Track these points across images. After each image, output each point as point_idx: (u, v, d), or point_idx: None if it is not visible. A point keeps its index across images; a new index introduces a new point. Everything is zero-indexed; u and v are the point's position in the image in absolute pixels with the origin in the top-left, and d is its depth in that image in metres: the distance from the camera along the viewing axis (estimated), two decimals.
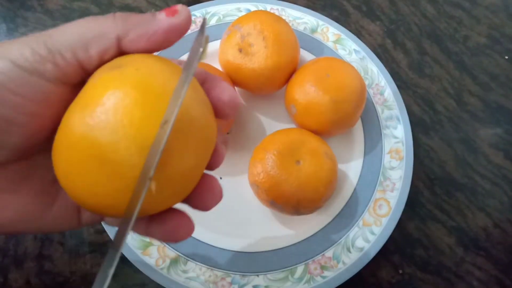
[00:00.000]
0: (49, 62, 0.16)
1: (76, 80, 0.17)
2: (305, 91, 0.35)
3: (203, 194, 0.20)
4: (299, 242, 0.35)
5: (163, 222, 0.19)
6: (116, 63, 0.17)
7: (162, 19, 0.18)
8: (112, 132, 0.15)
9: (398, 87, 0.41)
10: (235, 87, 0.38)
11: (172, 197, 0.18)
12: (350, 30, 0.44)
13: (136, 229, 0.21)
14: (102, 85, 0.16)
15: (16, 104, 0.16)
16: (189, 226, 0.20)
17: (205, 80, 0.21)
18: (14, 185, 0.18)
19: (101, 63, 0.17)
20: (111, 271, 0.15)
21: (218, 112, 0.20)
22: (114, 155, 0.15)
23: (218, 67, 0.38)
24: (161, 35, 0.18)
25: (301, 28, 0.44)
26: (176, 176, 0.16)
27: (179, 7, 0.19)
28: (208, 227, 0.35)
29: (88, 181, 0.15)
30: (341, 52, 0.43)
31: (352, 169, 0.38)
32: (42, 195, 0.18)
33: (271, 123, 0.41)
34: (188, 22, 0.19)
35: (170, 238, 0.20)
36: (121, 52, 0.18)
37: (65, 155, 0.16)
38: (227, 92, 0.20)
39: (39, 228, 0.19)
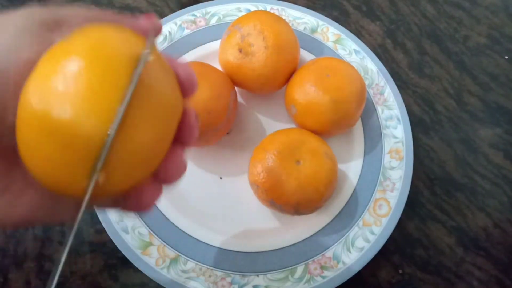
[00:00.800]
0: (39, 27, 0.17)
1: None
2: (305, 91, 0.35)
3: (166, 166, 0.19)
4: (299, 242, 0.35)
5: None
6: (69, 35, 0.16)
7: (137, 22, 0.19)
8: (63, 104, 0.14)
9: (398, 87, 0.41)
10: (235, 87, 0.38)
11: (136, 172, 0.17)
12: (350, 30, 0.44)
13: (102, 204, 0.20)
14: (53, 57, 0.15)
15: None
16: (155, 192, 0.19)
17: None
18: (27, 182, 0.18)
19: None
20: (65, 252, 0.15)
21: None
22: (66, 127, 0.14)
23: (218, 67, 0.38)
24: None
25: (301, 28, 0.44)
26: (139, 149, 0.16)
27: (151, 15, 0.19)
28: (208, 227, 0.35)
29: (44, 156, 0.15)
30: (341, 52, 0.43)
31: (352, 169, 0.38)
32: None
33: (271, 123, 0.41)
34: (157, 31, 0.19)
35: (135, 207, 0.19)
36: None
37: (22, 130, 0.15)
38: (181, 68, 0.19)
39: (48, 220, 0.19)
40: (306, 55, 0.43)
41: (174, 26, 0.43)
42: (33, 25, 0.17)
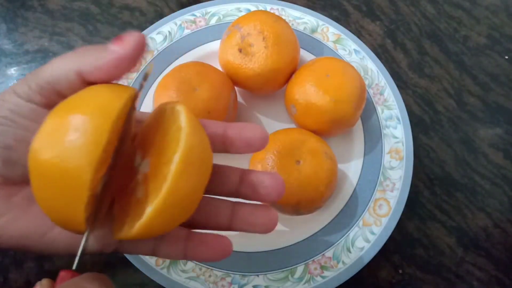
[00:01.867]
0: (38, 93, 0.20)
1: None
2: (305, 91, 0.35)
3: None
4: (299, 242, 0.35)
5: (201, 243, 0.22)
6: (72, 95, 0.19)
7: (111, 51, 0.20)
8: (59, 153, 0.16)
9: (398, 87, 0.41)
10: (235, 87, 0.38)
11: (174, 220, 0.19)
12: (350, 30, 0.44)
13: (170, 251, 0.23)
14: (52, 115, 0.18)
15: (24, 125, 0.20)
16: (225, 246, 0.23)
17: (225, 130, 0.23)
18: (27, 202, 0.21)
19: (72, 92, 0.20)
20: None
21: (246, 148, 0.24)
22: (69, 176, 0.16)
23: (218, 67, 0.38)
24: (112, 66, 0.20)
25: (301, 28, 0.44)
26: (181, 200, 0.18)
27: (127, 36, 0.20)
28: None
29: (49, 197, 0.17)
30: (341, 52, 0.43)
31: (352, 169, 0.38)
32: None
33: (271, 123, 0.41)
34: (137, 49, 0.20)
35: (207, 257, 0.23)
36: (87, 82, 0.20)
37: (31, 173, 0.17)
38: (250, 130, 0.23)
39: (40, 247, 0.21)
40: (306, 55, 0.43)
41: (174, 26, 0.43)
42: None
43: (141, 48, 0.20)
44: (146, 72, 0.21)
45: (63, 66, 0.20)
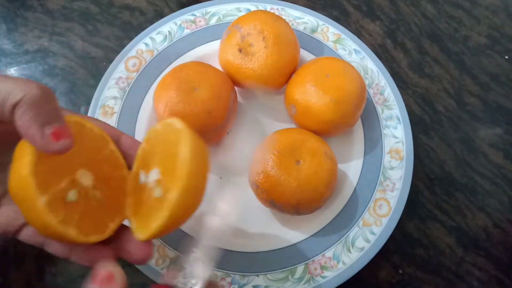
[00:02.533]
0: None
1: None
2: (305, 91, 0.35)
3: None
4: (299, 242, 0.35)
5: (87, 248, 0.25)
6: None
7: (46, 141, 0.21)
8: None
9: (398, 87, 0.41)
10: (235, 87, 0.38)
11: (189, 210, 0.24)
12: (350, 30, 0.44)
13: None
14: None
15: None
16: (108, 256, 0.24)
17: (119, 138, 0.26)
18: None
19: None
20: None
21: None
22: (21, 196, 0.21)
23: (218, 67, 0.38)
24: (40, 148, 0.21)
25: (301, 28, 0.44)
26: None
27: (66, 140, 0.22)
28: (208, 227, 0.35)
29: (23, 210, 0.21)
30: (341, 52, 0.43)
31: (352, 169, 0.38)
32: None
33: (271, 123, 0.41)
34: (63, 150, 0.21)
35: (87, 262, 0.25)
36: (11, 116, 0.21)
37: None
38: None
39: None
40: (306, 55, 0.43)
41: (174, 26, 0.43)
42: None
43: (66, 149, 0.22)
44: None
45: (8, 88, 0.21)
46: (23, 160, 0.21)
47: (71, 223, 0.22)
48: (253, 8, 0.44)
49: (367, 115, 0.40)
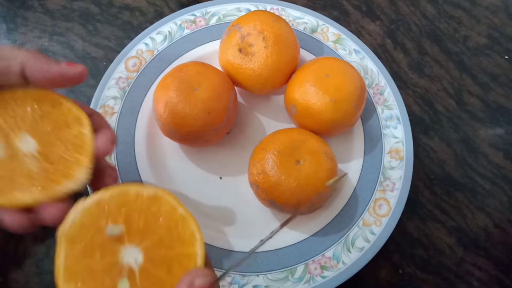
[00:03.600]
0: None
1: None
2: (305, 91, 0.35)
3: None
4: (299, 242, 0.35)
5: None
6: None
7: (62, 66, 0.23)
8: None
9: (398, 87, 0.41)
10: (235, 87, 0.38)
11: None
12: (350, 30, 0.44)
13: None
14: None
15: None
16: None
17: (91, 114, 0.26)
18: None
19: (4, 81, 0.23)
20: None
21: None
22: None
23: (218, 67, 0.38)
24: (55, 76, 0.23)
25: (301, 28, 0.44)
26: None
27: (79, 64, 0.24)
28: (208, 227, 0.35)
29: None
30: (341, 52, 0.43)
31: (352, 169, 0.38)
32: None
33: (271, 123, 0.41)
34: (80, 77, 0.24)
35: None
36: (23, 78, 0.23)
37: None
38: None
39: None
40: (306, 55, 0.43)
41: (174, 26, 0.43)
42: None
43: (82, 76, 0.24)
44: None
45: (10, 54, 0.22)
46: None
47: None
48: (253, 8, 0.44)
49: (367, 115, 0.40)
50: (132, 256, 0.21)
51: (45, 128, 0.23)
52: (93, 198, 0.22)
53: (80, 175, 0.23)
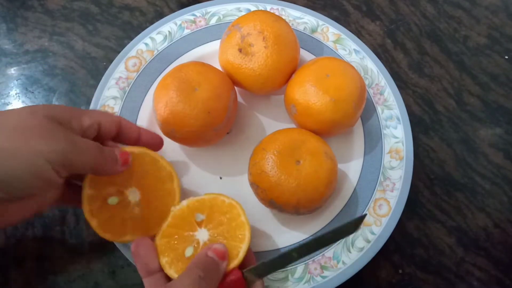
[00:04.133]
0: (66, 174, 0.26)
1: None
2: (305, 91, 0.35)
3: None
4: (299, 242, 0.35)
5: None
6: None
7: (117, 167, 0.29)
8: None
9: (398, 87, 0.41)
10: (235, 87, 0.38)
11: None
12: (350, 30, 0.44)
13: None
14: None
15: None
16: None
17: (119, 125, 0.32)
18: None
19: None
20: None
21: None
22: None
23: (218, 67, 0.38)
24: (111, 172, 0.29)
25: (301, 28, 0.44)
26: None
27: (129, 158, 0.30)
28: None
29: None
30: (341, 52, 0.43)
31: (352, 169, 0.38)
32: None
33: (271, 123, 0.41)
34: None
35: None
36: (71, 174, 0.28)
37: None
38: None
39: None
40: (306, 55, 0.43)
41: (174, 26, 0.43)
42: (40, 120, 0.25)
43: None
44: None
45: (94, 168, 0.27)
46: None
47: (97, 217, 0.30)
48: (253, 8, 0.44)
49: (367, 115, 0.40)
50: (202, 235, 0.30)
51: (147, 183, 0.32)
52: (197, 198, 0.32)
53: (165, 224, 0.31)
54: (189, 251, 0.30)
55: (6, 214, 0.27)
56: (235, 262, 0.29)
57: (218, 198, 0.32)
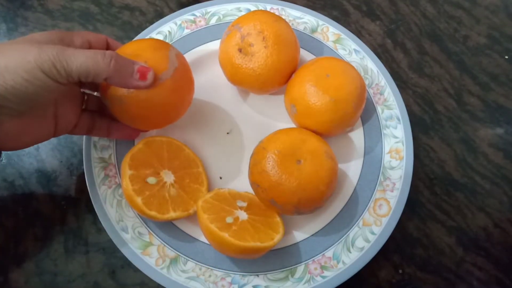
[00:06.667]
0: (66, 79, 0.27)
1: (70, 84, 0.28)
2: (305, 91, 0.35)
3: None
4: (299, 242, 0.35)
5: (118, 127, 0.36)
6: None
7: (135, 81, 0.30)
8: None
9: (398, 87, 0.41)
10: (236, 86, 0.38)
11: None
12: (350, 30, 0.44)
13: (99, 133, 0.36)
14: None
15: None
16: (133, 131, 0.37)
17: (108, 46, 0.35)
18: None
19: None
20: None
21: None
22: None
23: (218, 67, 0.38)
24: (128, 84, 0.30)
25: (301, 28, 0.44)
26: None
27: (150, 74, 0.30)
28: None
29: None
30: (341, 52, 0.43)
31: (352, 169, 0.38)
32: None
33: (271, 123, 0.41)
34: (150, 85, 0.31)
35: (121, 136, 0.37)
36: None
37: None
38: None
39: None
40: (306, 55, 0.43)
41: (174, 26, 0.43)
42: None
43: (153, 83, 0.31)
44: None
45: (96, 67, 0.27)
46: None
47: (140, 196, 0.32)
48: (253, 8, 0.44)
49: (367, 115, 0.40)
50: (242, 215, 0.33)
51: (177, 166, 0.36)
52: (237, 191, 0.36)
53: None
54: (229, 220, 0.32)
55: (22, 133, 0.29)
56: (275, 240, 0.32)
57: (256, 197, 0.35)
